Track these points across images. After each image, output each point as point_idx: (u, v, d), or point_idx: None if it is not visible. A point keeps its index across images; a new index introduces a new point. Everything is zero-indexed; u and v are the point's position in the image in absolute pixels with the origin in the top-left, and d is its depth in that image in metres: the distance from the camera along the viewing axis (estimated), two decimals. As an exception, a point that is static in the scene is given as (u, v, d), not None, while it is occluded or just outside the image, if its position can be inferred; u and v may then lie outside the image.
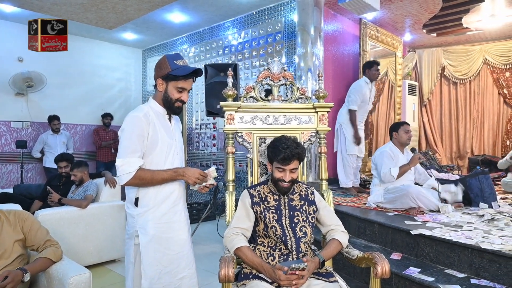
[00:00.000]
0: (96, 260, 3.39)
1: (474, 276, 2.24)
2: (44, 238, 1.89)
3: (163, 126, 1.77)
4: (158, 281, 1.70)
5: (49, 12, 4.88)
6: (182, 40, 6.62)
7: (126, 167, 1.63)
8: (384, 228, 2.90)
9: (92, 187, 3.50)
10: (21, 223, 1.87)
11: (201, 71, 1.80)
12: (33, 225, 1.90)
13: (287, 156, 1.72)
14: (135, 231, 1.71)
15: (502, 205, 3.45)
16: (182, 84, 1.73)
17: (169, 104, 1.76)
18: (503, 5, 5.12)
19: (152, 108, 1.77)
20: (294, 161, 1.75)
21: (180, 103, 1.76)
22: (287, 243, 1.73)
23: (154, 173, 1.68)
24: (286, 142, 1.77)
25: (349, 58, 5.58)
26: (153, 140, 1.70)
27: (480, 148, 6.98)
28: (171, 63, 1.70)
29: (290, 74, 2.24)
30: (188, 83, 1.75)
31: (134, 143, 1.66)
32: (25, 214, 1.95)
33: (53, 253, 1.83)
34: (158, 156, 1.72)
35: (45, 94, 6.04)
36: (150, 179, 1.67)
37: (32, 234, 1.87)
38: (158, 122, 1.75)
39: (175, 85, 1.72)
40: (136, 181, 1.65)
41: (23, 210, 2.01)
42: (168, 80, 1.72)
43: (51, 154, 5.75)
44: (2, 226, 1.79)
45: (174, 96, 1.73)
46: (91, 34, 6.43)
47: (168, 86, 1.73)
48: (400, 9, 5.29)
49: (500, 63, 6.65)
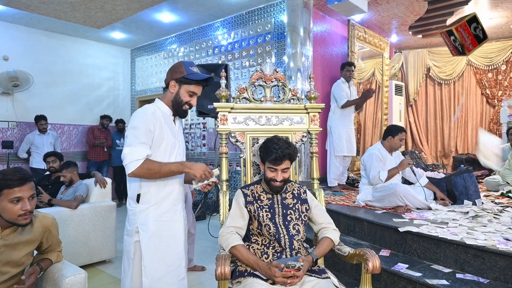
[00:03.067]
0: (86, 261, 3.37)
1: (460, 270, 2.32)
2: (54, 245, 1.87)
3: (169, 126, 1.81)
4: (161, 280, 1.71)
5: (36, 11, 4.82)
6: (171, 40, 6.60)
7: (134, 155, 1.63)
8: (373, 225, 2.98)
9: (82, 188, 3.47)
10: (43, 233, 1.77)
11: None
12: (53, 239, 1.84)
13: (278, 157, 1.76)
14: (135, 228, 1.72)
15: (485, 203, 3.57)
16: (194, 89, 1.82)
17: (178, 106, 1.82)
18: (486, 8, 5.28)
19: (158, 108, 1.82)
20: (285, 161, 1.79)
21: (187, 107, 1.84)
22: (280, 241, 1.77)
23: (162, 164, 1.69)
24: (278, 142, 1.81)
25: (337, 58, 5.66)
26: (158, 138, 1.73)
27: (464, 147, 7.17)
28: (186, 68, 1.80)
29: (282, 76, 2.29)
30: (198, 89, 1.84)
31: (143, 135, 1.68)
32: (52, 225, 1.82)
33: (56, 257, 1.86)
34: (162, 154, 1.75)
35: (32, 94, 5.95)
36: (157, 169, 1.66)
37: (47, 244, 1.83)
38: (164, 122, 1.79)
39: (187, 88, 1.80)
40: (143, 170, 1.64)
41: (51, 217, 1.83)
42: (182, 84, 1.80)
43: (38, 155, 5.67)
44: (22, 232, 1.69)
45: (185, 99, 1.81)
46: (79, 33, 6.35)
47: (180, 89, 1.81)
48: (387, 11, 5.40)
49: (483, 65, 6.84)
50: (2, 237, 1.61)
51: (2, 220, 1.60)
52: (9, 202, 1.56)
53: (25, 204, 1.59)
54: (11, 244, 1.63)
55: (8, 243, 1.62)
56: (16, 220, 1.59)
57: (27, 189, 1.60)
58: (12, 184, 1.55)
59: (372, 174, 3.38)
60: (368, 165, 3.46)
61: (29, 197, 1.61)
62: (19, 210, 1.57)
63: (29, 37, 6.00)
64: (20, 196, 1.58)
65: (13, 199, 1.56)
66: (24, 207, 1.58)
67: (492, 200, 3.82)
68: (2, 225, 1.62)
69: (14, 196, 1.56)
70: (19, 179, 1.57)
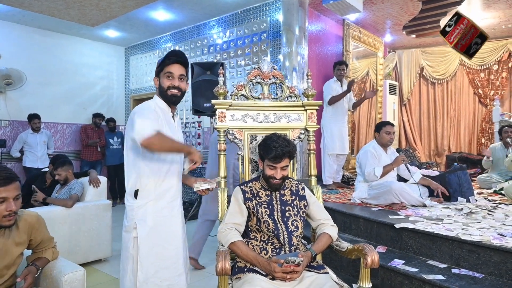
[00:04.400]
0: (82, 260, 3.35)
1: (455, 266, 2.35)
2: (45, 242, 1.81)
3: (168, 122, 1.83)
4: (155, 275, 1.71)
5: (29, 8, 4.77)
6: (166, 38, 6.58)
7: (148, 124, 1.64)
8: (369, 222, 3.00)
9: (77, 187, 3.45)
10: (30, 231, 1.71)
11: (181, 52, 1.90)
12: (42, 236, 1.78)
13: (278, 155, 1.77)
14: (133, 223, 1.72)
15: (478, 199, 3.62)
16: (168, 69, 1.82)
17: (164, 95, 1.83)
18: (478, 8, 5.35)
19: (157, 104, 1.84)
20: (285, 159, 1.80)
21: (174, 91, 1.82)
22: (279, 237, 1.78)
23: (172, 139, 1.74)
24: (277, 140, 1.81)
25: (332, 57, 5.68)
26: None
27: (457, 145, 7.25)
28: (159, 61, 1.86)
29: (280, 73, 2.29)
30: (174, 67, 1.82)
31: (152, 116, 1.72)
32: (37, 222, 1.76)
33: (51, 254, 1.83)
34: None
35: (25, 92, 5.89)
36: (170, 142, 1.70)
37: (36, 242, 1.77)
38: (163, 118, 1.81)
39: (163, 73, 1.83)
40: (156, 138, 1.63)
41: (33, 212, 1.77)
42: (159, 74, 1.84)
43: (31, 154, 5.62)
44: (10, 235, 1.63)
45: (165, 84, 1.82)
46: (72, 31, 6.30)
47: (160, 79, 1.84)
48: (381, 11, 5.44)
49: (475, 64, 6.93)
50: None
51: None
52: None
53: (10, 205, 1.52)
54: (1, 249, 1.59)
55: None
56: (1, 221, 1.54)
57: (12, 189, 1.53)
58: None
59: (368, 171, 3.41)
60: (363, 162, 3.49)
61: (14, 197, 1.54)
62: (4, 211, 1.51)
63: (22, 35, 5.94)
64: (5, 197, 1.51)
65: None
66: (8, 208, 1.52)
67: (485, 197, 3.87)
68: None
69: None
70: (4, 179, 1.51)
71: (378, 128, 3.58)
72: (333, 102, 4.62)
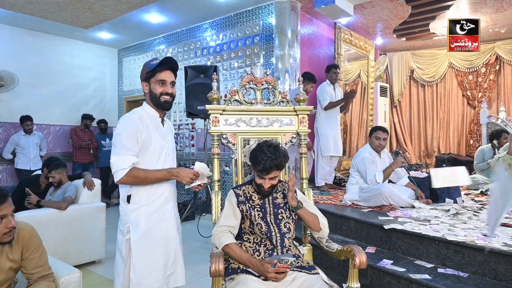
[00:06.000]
0: (75, 262, 3.36)
1: (441, 265, 2.43)
2: (39, 266, 1.71)
3: (156, 128, 1.86)
4: (148, 277, 1.75)
5: (22, 11, 4.76)
6: (159, 41, 6.60)
7: (120, 164, 1.69)
8: (359, 223, 3.08)
9: (71, 189, 3.47)
10: (22, 245, 1.67)
11: (174, 59, 1.90)
12: (34, 250, 1.70)
13: (265, 168, 1.80)
14: (127, 227, 1.77)
15: (465, 201, 3.72)
16: (160, 76, 1.84)
17: (157, 101, 1.85)
18: (466, 13, 5.47)
19: (145, 112, 1.86)
20: (273, 171, 1.83)
21: (166, 97, 1.85)
22: (272, 239, 1.83)
23: (148, 172, 1.74)
24: (266, 152, 1.81)
25: (324, 60, 5.76)
26: (146, 140, 1.78)
27: (446, 147, 7.39)
28: (148, 65, 1.85)
29: (272, 79, 2.35)
30: (166, 74, 1.85)
31: (129, 142, 1.73)
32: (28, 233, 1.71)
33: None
34: (150, 156, 1.80)
35: (17, 94, 5.85)
36: (144, 177, 1.73)
37: (29, 261, 1.69)
38: (152, 124, 1.83)
39: (155, 80, 1.84)
40: (130, 179, 1.71)
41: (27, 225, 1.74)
42: (149, 79, 1.85)
43: (23, 156, 5.60)
44: (3, 250, 1.62)
45: (158, 90, 1.84)
46: (65, 33, 6.28)
47: (151, 85, 1.85)
48: (372, 15, 5.53)
49: (464, 67, 7.07)
50: None
51: None
52: None
53: (9, 221, 1.55)
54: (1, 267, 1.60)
55: None
56: (2, 238, 1.56)
57: (9, 205, 1.57)
58: None
59: (369, 178, 3.46)
60: (362, 170, 3.54)
61: (11, 213, 1.57)
62: (4, 228, 1.54)
63: (14, 37, 5.91)
64: (4, 214, 1.54)
65: None
66: (9, 224, 1.55)
67: (472, 198, 3.98)
68: None
69: None
70: (1, 196, 1.54)
71: (370, 133, 3.67)
72: (330, 107, 4.69)
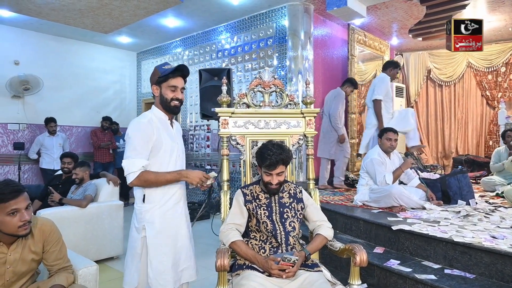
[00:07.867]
0: (95, 257, 3.51)
1: (448, 266, 2.44)
2: (59, 258, 1.81)
3: (166, 130, 1.95)
4: (164, 273, 1.86)
5: (46, 18, 5.00)
6: (176, 44, 6.77)
7: (131, 167, 1.80)
8: (368, 224, 3.11)
9: (92, 188, 3.64)
10: (43, 238, 1.77)
11: (186, 67, 1.98)
12: (55, 244, 1.80)
13: (272, 163, 1.88)
14: (142, 226, 1.88)
15: (479, 202, 3.68)
16: (173, 83, 1.92)
17: (167, 105, 1.93)
18: (484, 12, 5.37)
19: (155, 115, 1.96)
20: (279, 166, 1.91)
21: (176, 102, 1.94)
22: (277, 237, 1.91)
23: (158, 174, 1.84)
24: (272, 149, 1.90)
25: (338, 61, 5.79)
26: (157, 143, 1.88)
27: (464, 148, 7.26)
28: (160, 69, 1.92)
29: (280, 82, 2.42)
30: (177, 81, 1.94)
31: (139, 145, 1.83)
32: (49, 228, 1.81)
33: (65, 280, 1.78)
34: (162, 158, 1.90)
35: (41, 97, 6.14)
36: (154, 180, 1.83)
37: (50, 254, 1.79)
38: (161, 127, 1.93)
39: (167, 85, 1.91)
40: (140, 181, 1.82)
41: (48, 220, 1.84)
42: (161, 84, 1.93)
43: (47, 156, 5.87)
44: (26, 243, 1.72)
45: (169, 96, 1.92)
46: (86, 38, 6.54)
47: (162, 89, 1.93)
48: (386, 15, 5.51)
49: (483, 67, 6.93)
50: (11, 253, 1.68)
51: (5, 237, 1.65)
52: (6, 216, 1.60)
53: (23, 215, 1.62)
54: (20, 258, 1.71)
55: (18, 257, 1.70)
56: (17, 232, 1.65)
57: (22, 200, 1.63)
58: (6, 198, 1.59)
59: (379, 180, 3.48)
60: (371, 171, 3.56)
61: (25, 207, 1.64)
62: (18, 222, 1.61)
63: (39, 42, 6.21)
64: (16, 208, 1.61)
65: (9, 211, 1.60)
66: (22, 218, 1.62)
67: (487, 200, 3.93)
68: (6, 241, 1.67)
69: (10, 209, 1.60)
70: (12, 192, 1.61)
71: (380, 134, 3.64)
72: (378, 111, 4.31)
